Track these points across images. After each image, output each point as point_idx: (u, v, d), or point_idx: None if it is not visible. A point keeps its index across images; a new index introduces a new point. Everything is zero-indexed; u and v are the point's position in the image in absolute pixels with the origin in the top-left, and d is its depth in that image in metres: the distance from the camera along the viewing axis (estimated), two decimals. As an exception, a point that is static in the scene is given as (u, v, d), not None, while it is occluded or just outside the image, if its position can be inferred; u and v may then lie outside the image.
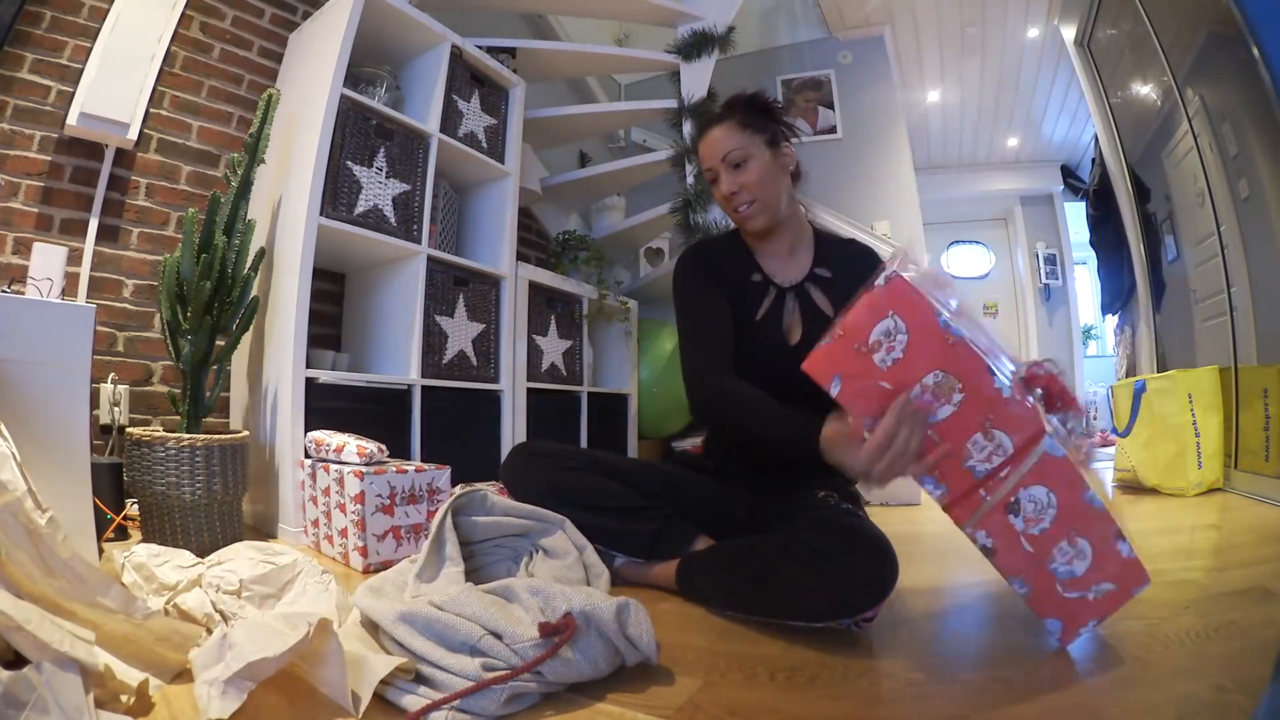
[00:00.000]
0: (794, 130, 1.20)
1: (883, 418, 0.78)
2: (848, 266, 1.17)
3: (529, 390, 2.29)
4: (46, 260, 1.32)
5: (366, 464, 1.38)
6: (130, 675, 0.70)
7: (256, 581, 0.94)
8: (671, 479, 1.28)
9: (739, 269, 1.21)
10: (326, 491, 1.43)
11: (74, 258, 1.66)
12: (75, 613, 0.71)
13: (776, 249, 1.21)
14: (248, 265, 1.57)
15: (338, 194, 1.75)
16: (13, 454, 0.83)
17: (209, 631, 0.82)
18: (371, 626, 0.84)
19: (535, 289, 2.38)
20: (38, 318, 1.13)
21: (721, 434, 1.30)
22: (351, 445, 1.42)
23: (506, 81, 2.31)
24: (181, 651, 0.77)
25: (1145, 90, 3.18)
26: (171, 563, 0.99)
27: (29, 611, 0.63)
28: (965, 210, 5.95)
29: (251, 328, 1.66)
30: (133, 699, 0.68)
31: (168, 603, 0.89)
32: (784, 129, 1.19)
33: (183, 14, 1.86)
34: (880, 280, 0.78)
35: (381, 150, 1.85)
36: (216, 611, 0.87)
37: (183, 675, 0.76)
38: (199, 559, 1.03)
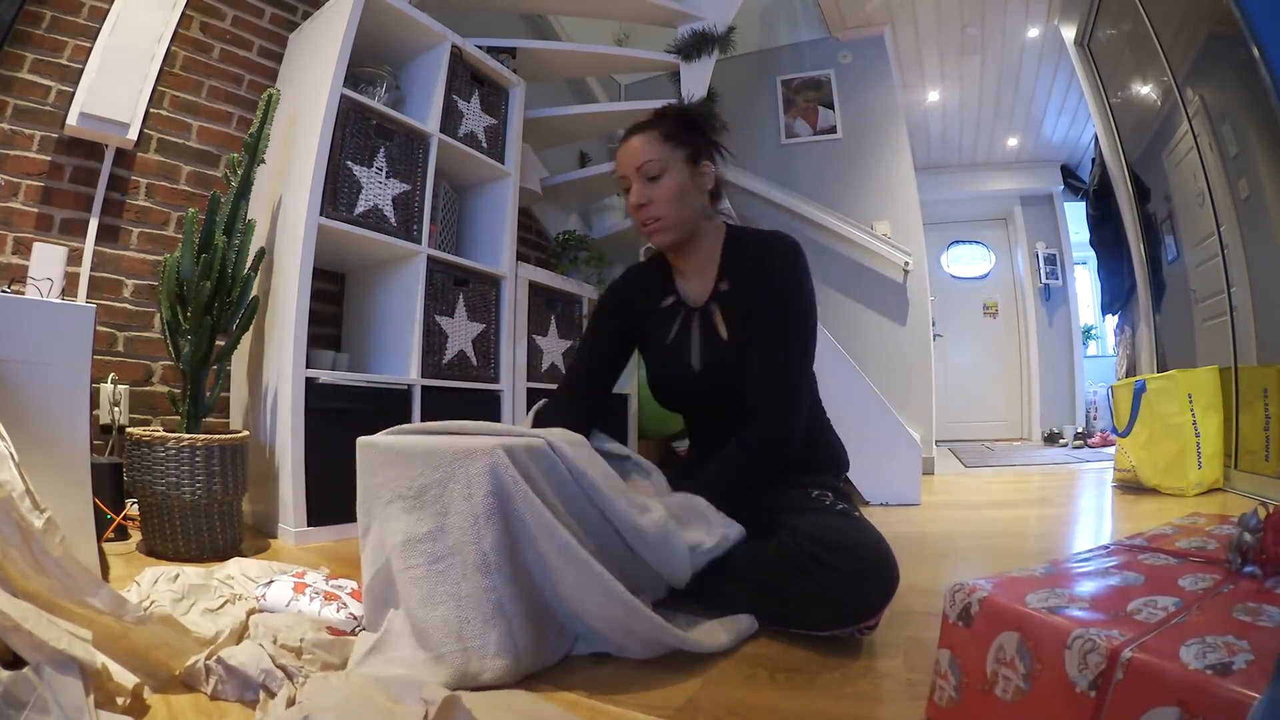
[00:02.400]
0: (721, 149, 1.19)
1: None
2: (749, 269, 1.16)
3: (529, 390, 2.29)
4: (46, 260, 1.32)
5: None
6: (125, 678, 0.69)
7: (320, 647, 0.81)
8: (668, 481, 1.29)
9: (655, 294, 1.24)
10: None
11: (74, 258, 1.66)
12: (67, 611, 0.70)
13: (689, 266, 1.21)
14: (248, 265, 1.57)
15: (338, 194, 1.75)
16: (11, 454, 0.83)
17: (265, 689, 0.72)
18: None
19: (535, 289, 2.38)
20: (38, 318, 1.13)
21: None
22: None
23: (506, 81, 2.31)
24: (174, 659, 0.76)
25: (1145, 90, 3.18)
26: (199, 605, 0.92)
27: (26, 610, 0.63)
28: (965, 210, 5.95)
29: (251, 328, 1.67)
30: (128, 700, 0.68)
31: (209, 657, 0.76)
32: (712, 146, 1.18)
33: (183, 14, 1.86)
34: None
35: (381, 150, 1.85)
36: (278, 668, 0.75)
37: (173, 684, 0.76)
38: (225, 596, 0.96)
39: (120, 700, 0.67)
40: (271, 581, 0.98)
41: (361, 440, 0.92)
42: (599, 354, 1.29)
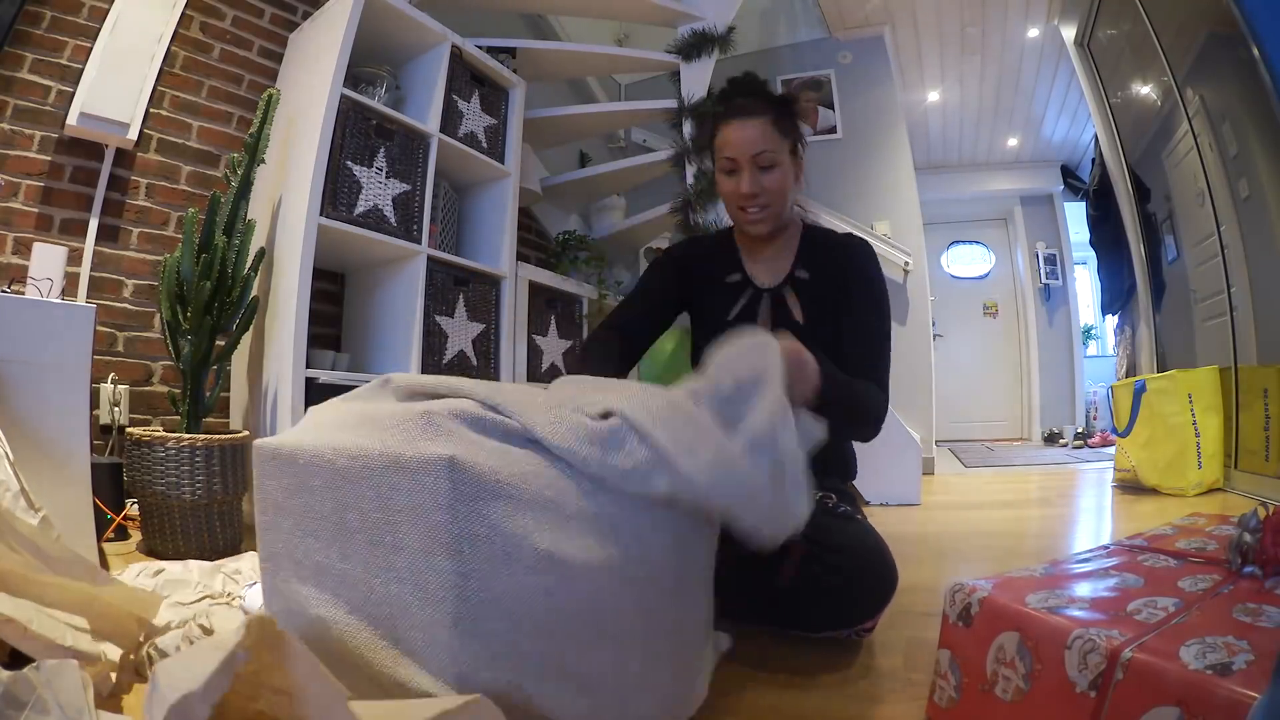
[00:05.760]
0: (804, 139, 1.17)
1: None
2: (828, 265, 1.16)
3: (529, 390, 2.29)
4: (46, 260, 1.32)
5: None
6: (111, 650, 0.71)
7: None
8: None
9: (719, 267, 1.21)
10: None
11: (74, 258, 1.66)
12: (42, 584, 0.70)
13: (765, 252, 1.19)
14: (248, 265, 1.57)
15: (338, 194, 1.75)
16: (6, 453, 0.83)
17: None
18: None
19: (535, 289, 2.38)
20: (38, 318, 1.13)
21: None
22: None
23: (506, 81, 2.31)
24: (147, 611, 0.77)
25: (1145, 90, 3.18)
26: (173, 598, 0.92)
27: (28, 610, 0.64)
28: (965, 210, 5.94)
29: (251, 328, 1.66)
30: (118, 675, 0.70)
31: (148, 645, 0.77)
32: (803, 138, 1.16)
33: (183, 14, 1.86)
34: None
35: (381, 150, 1.85)
36: (188, 642, 0.77)
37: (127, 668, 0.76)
38: (204, 591, 0.96)
39: (113, 676, 0.69)
40: (255, 583, 0.96)
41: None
42: (654, 302, 1.22)
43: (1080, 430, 5.10)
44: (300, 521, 0.66)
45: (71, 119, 1.63)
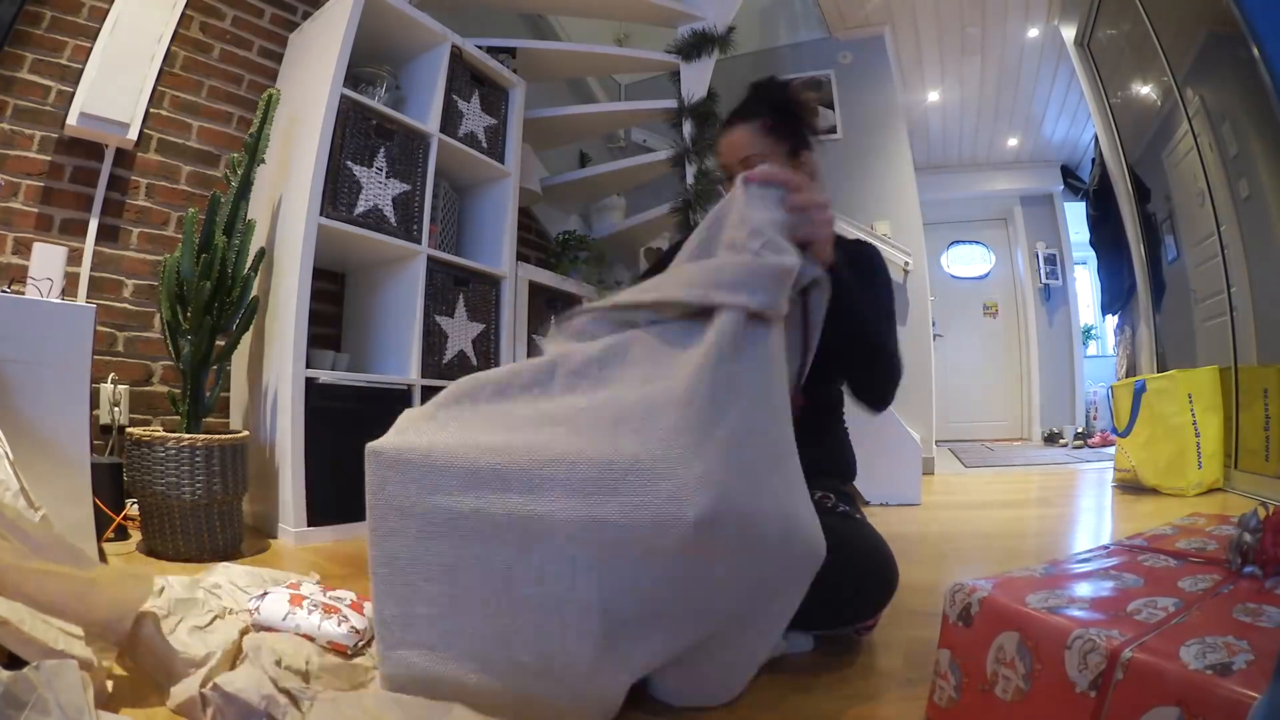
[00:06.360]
0: (816, 134, 1.13)
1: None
2: (838, 262, 1.14)
3: (529, 390, 2.29)
4: (46, 260, 1.32)
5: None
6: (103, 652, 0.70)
7: (328, 670, 0.75)
8: None
9: None
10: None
11: (74, 258, 1.66)
12: (32, 572, 0.69)
13: None
14: (248, 265, 1.57)
15: (338, 194, 1.75)
16: (6, 453, 0.83)
17: (269, 717, 0.65)
18: None
19: (535, 289, 2.38)
20: (38, 318, 1.13)
21: None
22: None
23: (506, 82, 2.31)
24: (138, 591, 0.75)
25: (1145, 90, 3.18)
26: (186, 621, 0.83)
27: (21, 612, 0.64)
28: (965, 210, 5.94)
29: (251, 328, 1.67)
30: (110, 681, 0.69)
31: (204, 685, 0.69)
32: (809, 135, 1.13)
33: (183, 14, 1.86)
34: None
35: (381, 150, 1.85)
36: (281, 692, 0.69)
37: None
38: (214, 610, 0.88)
39: (109, 685, 0.68)
40: (265, 593, 0.89)
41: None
42: None
43: (1080, 430, 5.10)
44: (426, 526, 0.68)
45: (71, 119, 1.63)
